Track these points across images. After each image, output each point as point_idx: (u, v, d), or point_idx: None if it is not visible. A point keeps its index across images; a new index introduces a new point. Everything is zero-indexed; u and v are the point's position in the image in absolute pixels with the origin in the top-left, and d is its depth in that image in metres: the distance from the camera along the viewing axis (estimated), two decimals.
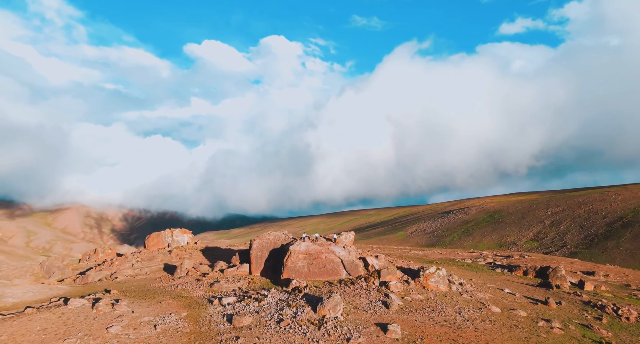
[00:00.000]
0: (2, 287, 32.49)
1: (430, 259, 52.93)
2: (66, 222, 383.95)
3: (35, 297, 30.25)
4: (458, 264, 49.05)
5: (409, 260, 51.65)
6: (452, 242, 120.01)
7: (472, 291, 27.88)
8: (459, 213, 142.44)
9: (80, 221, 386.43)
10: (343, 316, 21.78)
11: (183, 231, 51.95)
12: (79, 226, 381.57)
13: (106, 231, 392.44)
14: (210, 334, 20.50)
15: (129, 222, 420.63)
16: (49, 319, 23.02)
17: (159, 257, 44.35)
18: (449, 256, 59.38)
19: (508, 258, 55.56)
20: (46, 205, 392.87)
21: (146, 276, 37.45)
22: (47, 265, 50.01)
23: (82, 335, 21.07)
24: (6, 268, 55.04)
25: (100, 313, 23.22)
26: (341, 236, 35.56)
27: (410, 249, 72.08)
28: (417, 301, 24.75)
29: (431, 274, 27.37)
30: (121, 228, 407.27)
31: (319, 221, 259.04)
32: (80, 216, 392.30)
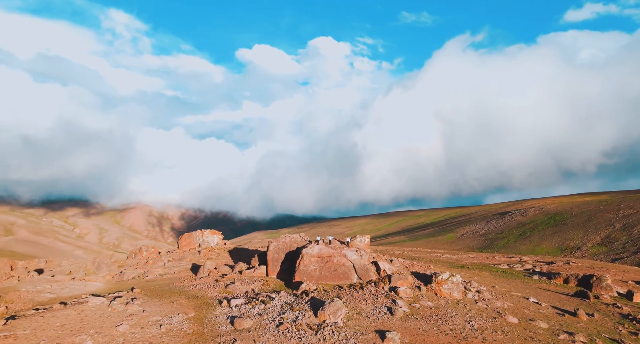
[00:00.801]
0: (44, 282, 35.11)
1: (461, 264, 50.36)
2: (132, 221, 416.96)
3: (70, 293, 32.13)
4: (492, 269, 46.30)
5: (435, 265, 48.38)
6: (507, 245, 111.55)
7: (490, 299, 26.29)
8: (515, 215, 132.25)
9: (144, 219, 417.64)
10: (343, 321, 21.35)
11: (213, 232, 53.01)
12: (143, 224, 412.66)
13: (166, 229, 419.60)
14: (211, 336, 20.67)
15: (187, 221, 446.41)
16: (69, 315, 23.96)
17: (188, 257, 45.49)
18: (484, 261, 56.00)
19: (550, 265, 51.46)
20: (115, 205, 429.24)
21: (173, 275, 38.47)
22: (97, 262, 53.55)
23: (93, 332, 21.64)
24: (66, 264, 59.92)
25: (114, 311, 23.75)
26: (355, 239, 34.74)
27: (443, 253, 68.86)
28: (426, 308, 23.77)
29: (444, 280, 26.10)
30: (180, 227, 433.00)
31: (367, 222, 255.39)
32: (144, 215, 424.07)
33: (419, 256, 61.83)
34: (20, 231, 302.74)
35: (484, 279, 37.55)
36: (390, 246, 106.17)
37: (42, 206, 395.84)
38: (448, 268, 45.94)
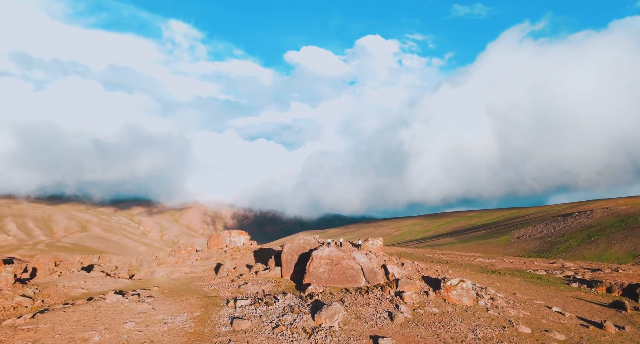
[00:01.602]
0: (80, 278, 37.60)
1: (493, 269, 47.80)
2: (189, 220, 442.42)
3: (100, 289, 33.94)
4: (526, 275, 43.44)
5: (463, 269, 46.12)
6: (569, 249, 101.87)
7: (504, 306, 24.91)
8: (580, 217, 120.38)
9: (200, 218, 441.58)
10: (340, 326, 21.07)
11: (240, 232, 53.73)
12: (198, 223, 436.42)
13: (220, 228, 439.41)
14: (209, 336, 21.00)
15: (238, 221, 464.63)
16: (86, 311, 25.05)
17: (214, 257, 46.40)
18: (520, 266, 52.55)
19: (595, 272, 47.33)
20: (174, 204, 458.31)
21: (196, 274, 39.38)
22: (140, 259, 56.65)
23: (102, 328, 22.38)
24: (115, 260, 64.29)
25: (125, 309, 24.42)
26: (367, 242, 34.11)
27: (476, 257, 65.30)
28: (430, 314, 22.97)
29: (453, 285, 24.96)
30: (232, 226, 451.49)
31: (415, 223, 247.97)
32: (199, 214, 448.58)
33: (450, 259, 58.91)
34: (93, 228, 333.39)
35: (511, 285, 35.47)
36: (421, 249, 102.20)
37: (112, 205, 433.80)
38: (477, 273, 43.57)
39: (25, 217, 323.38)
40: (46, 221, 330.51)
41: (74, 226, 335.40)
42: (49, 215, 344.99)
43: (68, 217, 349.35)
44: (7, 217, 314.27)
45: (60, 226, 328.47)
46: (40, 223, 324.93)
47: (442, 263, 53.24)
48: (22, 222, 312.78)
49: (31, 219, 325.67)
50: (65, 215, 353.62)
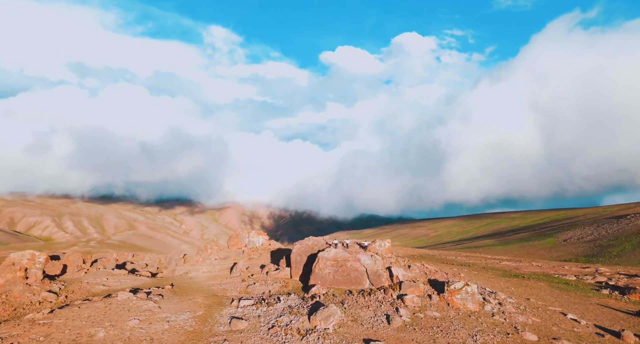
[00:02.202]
0: (104, 275, 39.27)
1: (517, 273, 45.63)
2: (228, 219, 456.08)
3: (120, 286, 35.23)
4: (552, 280, 41.41)
5: (484, 272, 44.19)
6: (622, 253, 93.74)
7: (512, 312, 23.95)
8: (636, 218, 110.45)
9: (238, 218, 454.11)
10: (334, 328, 20.90)
11: (259, 232, 53.97)
12: (237, 222, 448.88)
13: (257, 228, 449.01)
14: (207, 335, 21.31)
15: (275, 220, 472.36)
16: (98, 308, 25.91)
17: (232, 256, 46.85)
18: (548, 271, 49.95)
19: (633, 278, 43.51)
20: (213, 204, 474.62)
21: (212, 273, 39.96)
22: (169, 258, 58.67)
23: (109, 325, 23.02)
24: (148, 258, 67.21)
25: (133, 306, 24.99)
26: (375, 243, 33.81)
27: (502, 260, 62.57)
28: (430, 318, 22.42)
29: (457, 289, 24.28)
30: (269, 225, 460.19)
31: (453, 224, 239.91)
32: (237, 214, 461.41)
33: (473, 262, 56.69)
34: (140, 227, 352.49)
35: (529, 290, 33.90)
36: (446, 251, 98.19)
37: (157, 204, 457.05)
38: (497, 276, 41.66)
39: (81, 216, 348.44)
40: (98, 219, 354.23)
41: (123, 224, 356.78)
42: (101, 214, 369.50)
43: (118, 216, 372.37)
44: (65, 216, 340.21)
45: (111, 224, 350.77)
46: (93, 221, 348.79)
47: (464, 265, 51.27)
48: (78, 221, 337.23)
49: (85, 217, 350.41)
50: (115, 214, 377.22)
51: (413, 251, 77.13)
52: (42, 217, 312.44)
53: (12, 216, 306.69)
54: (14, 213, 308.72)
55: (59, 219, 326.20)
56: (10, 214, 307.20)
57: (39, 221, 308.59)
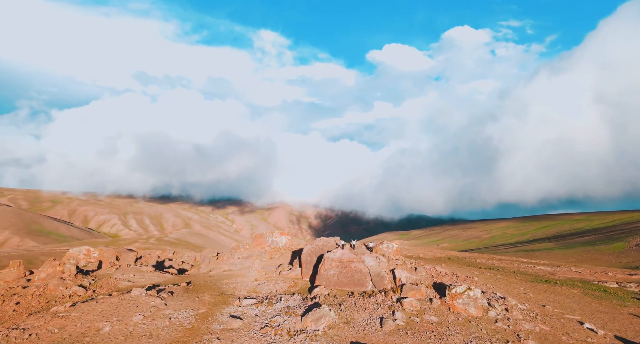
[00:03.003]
0: (131, 272, 41.37)
1: (550, 279, 42.55)
2: (276, 219, 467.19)
3: (144, 282, 36.86)
4: (590, 287, 38.58)
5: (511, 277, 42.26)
6: None
7: (518, 319, 22.64)
8: None
9: (286, 218, 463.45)
10: (324, 330, 20.75)
11: (282, 232, 53.92)
12: (285, 222, 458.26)
13: (304, 227, 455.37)
14: (203, 332, 21.77)
15: (322, 220, 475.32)
16: (112, 303, 27.16)
17: (254, 256, 47.17)
18: (587, 277, 46.10)
19: None
20: (262, 204, 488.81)
21: (231, 272, 40.58)
22: (202, 256, 60.86)
23: (115, 320, 24.05)
24: (187, 256, 70.43)
25: (142, 303, 25.90)
26: (382, 245, 33.23)
27: (538, 264, 58.38)
28: (426, 323, 21.79)
29: (459, 293, 23.39)
30: (316, 225, 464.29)
31: (508, 225, 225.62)
32: (285, 214, 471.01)
33: (505, 266, 53.60)
34: (195, 225, 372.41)
35: (552, 296, 32.20)
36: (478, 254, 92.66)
37: (210, 204, 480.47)
38: (525, 282, 39.25)
39: (143, 215, 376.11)
40: (158, 218, 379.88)
41: (179, 223, 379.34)
42: (160, 213, 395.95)
43: (175, 215, 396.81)
44: (129, 214, 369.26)
45: (169, 222, 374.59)
46: (154, 220, 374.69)
47: (491, 269, 48.49)
48: (140, 219, 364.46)
49: (147, 216, 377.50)
50: (172, 213, 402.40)
51: (442, 253, 73.50)
52: (110, 216, 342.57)
53: (85, 214, 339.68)
54: (87, 212, 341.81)
55: (125, 217, 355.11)
56: (84, 212, 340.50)
57: (108, 219, 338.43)
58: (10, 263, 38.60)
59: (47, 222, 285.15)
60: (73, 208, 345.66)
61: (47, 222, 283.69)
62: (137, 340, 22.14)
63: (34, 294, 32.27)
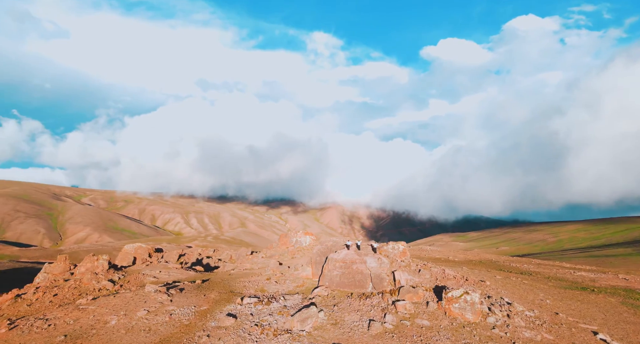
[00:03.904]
0: (159, 268, 43.21)
1: (589, 286, 39.30)
2: (328, 219, 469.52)
3: (168, 278, 38.43)
4: (632, 296, 35.10)
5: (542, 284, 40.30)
6: None
7: (519, 326, 21.38)
8: None
9: (338, 218, 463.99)
10: (310, 330, 20.73)
11: (306, 233, 53.24)
12: (337, 222, 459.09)
13: (357, 228, 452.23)
14: (197, 329, 22.28)
15: (375, 221, 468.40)
16: (126, 298, 28.51)
17: (276, 255, 47.02)
18: (635, 285, 41.06)
19: None
20: (315, 204, 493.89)
21: (252, 270, 41.08)
22: (237, 254, 62.45)
23: (122, 314, 25.26)
24: (225, 254, 72.80)
25: (150, 298, 26.92)
26: (387, 245, 32.29)
27: (579, 270, 54.37)
28: (416, 327, 21.14)
29: (455, 297, 22.52)
30: (368, 226, 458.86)
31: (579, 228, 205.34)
32: (337, 214, 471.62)
33: (540, 271, 50.20)
34: (250, 224, 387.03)
35: (580, 304, 30.03)
36: (520, 258, 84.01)
37: (264, 204, 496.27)
38: (553, 288, 36.59)
39: (203, 214, 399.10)
40: (216, 217, 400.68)
41: (235, 222, 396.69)
42: (218, 212, 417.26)
43: (232, 214, 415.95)
44: (190, 213, 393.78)
45: (226, 221, 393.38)
46: (212, 219, 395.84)
47: (524, 274, 45.68)
48: (200, 218, 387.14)
49: (206, 215, 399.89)
50: (229, 213, 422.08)
51: (475, 256, 68.88)
52: (174, 215, 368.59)
53: (153, 213, 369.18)
54: (154, 211, 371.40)
55: (187, 216, 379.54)
56: (152, 211, 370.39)
57: (172, 218, 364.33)
58: (58, 257, 42.55)
59: (121, 220, 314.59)
60: (142, 207, 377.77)
61: (121, 220, 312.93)
62: (135, 334, 22.95)
63: (70, 287, 35.03)
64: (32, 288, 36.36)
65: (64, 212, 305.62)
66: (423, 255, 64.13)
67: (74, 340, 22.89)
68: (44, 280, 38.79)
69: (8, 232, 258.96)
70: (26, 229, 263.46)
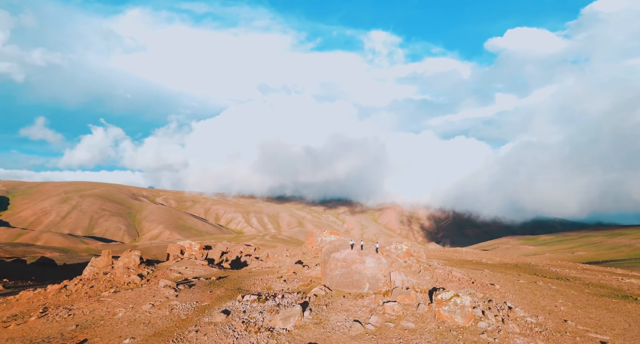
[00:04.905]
0: (185, 265, 44.61)
1: (635, 295, 35.35)
2: (387, 220, 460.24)
3: (192, 274, 39.76)
4: None
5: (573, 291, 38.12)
6: None
7: (512, 333, 20.05)
8: None
9: (396, 219, 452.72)
10: (291, 328, 20.71)
11: (332, 232, 51.71)
12: (395, 223, 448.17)
13: (416, 229, 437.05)
14: (191, 324, 22.94)
15: (435, 222, 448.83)
16: (139, 291, 29.92)
17: (299, 254, 46.09)
18: None
19: None
20: (372, 205, 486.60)
21: (270, 269, 41.59)
22: (273, 252, 62.88)
23: (130, 307, 26.58)
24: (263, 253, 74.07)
25: (159, 293, 27.94)
26: (390, 246, 31.86)
27: (625, 277, 48.72)
28: (399, 329, 20.52)
29: (444, 300, 21.77)
30: (429, 227, 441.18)
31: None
32: (396, 215, 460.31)
33: (582, 276, 46.13)
34: (307, 224, 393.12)
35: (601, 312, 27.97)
36: (604, 267, 73.53)
37: (321, 204, 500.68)
38: (590, 296, 33.91)
39: (262, 214, 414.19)
40: (275, 217, 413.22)
41: (293, 222, 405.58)
42: (277, 212, 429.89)
43: (290, 214, 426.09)
44: (251, 213, 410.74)
45: (284, 221, 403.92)
46: (271, 218, 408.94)
47: (559, 279, 42.69)
48: (260, 218, 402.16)
49: (266, 215, 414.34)
50: (288, 212, 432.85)
51: (513, 259, 63.39)
52: (236, 214, 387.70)
53: (217, 212, 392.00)
54: (218, 210, 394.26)
55: (247, 215, 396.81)
56: (216, 210, 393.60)
57: (234, 217, 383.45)
58: (102, 252, 46.28)
59: (188, 219, 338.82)
60: (208, 207, 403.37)
61: (188, 219, 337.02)
62: (135, 326, 23.87)
63: (105, 280, 37.75)
64: (77, 280, 39.76)
65: (141, 211, 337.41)
66: (454, 257, 60.37)
67: (82, 330, 24.27)
68: (89, 273, 42.33)
69: (96, 228, 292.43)
70: (110, 226, 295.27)
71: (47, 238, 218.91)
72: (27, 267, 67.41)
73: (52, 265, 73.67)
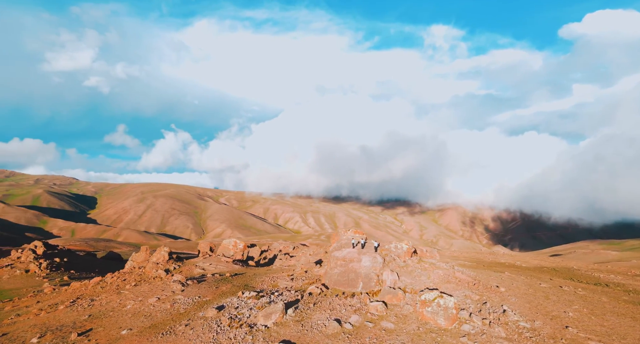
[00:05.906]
0: (209, 261, 45.56)
1: None
2: (448, 221, 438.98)
3: (214, 270, 40.87)
4: None
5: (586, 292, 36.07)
6: None
7: (496, 337, 18.76)
8: None
9: (459, 220, 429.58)
10: (271, 325, 20.81)
11: (356, 231, 48.49)
12: (457, 224, 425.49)
13: (480, 230, 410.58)
14: (187, 318, 23.52)
15: (502, 223, 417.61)
16: (152, 285, 31.24)
17: (321, 254, 44.51)
18: None
19: None
20: (432, 205, 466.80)
21: (288, 267, 41.92)
22: (304, 252, 62.41)
23: (139, 300, 27.99)
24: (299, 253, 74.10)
25: (168, 287, 28.87)
26: (390, 245, 32.02)
27: None
28: (377, 329, 20.16)
29: (428, 301, 21.22)
30: (494, 228, 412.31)
31: None
32: (458, 216, 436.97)
33: (623, 282, 42.68)
34: (364, 224, 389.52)
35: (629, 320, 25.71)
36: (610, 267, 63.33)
37: (379, 204, 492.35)
38: (624, 303, 32.17)
39: (319, 214, 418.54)
40: (332, 217, 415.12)
41: (350, 222, 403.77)
42: (334, 212, 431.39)
43: (346, 214, 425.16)
44: (308, 213, 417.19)
45: (341, 221, 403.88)
46: (328, 218, 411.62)
47: (598, 285, 39.88)
48: (317, 217, 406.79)
49: (322, 215, 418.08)
50: (344, 212, 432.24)
51: (553, 263, 57.15)
52: (293, 214, 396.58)
53: (275, 212, 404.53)
54: (276, 210, 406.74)
55: (304, 215, 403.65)
56: (274, 210, 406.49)
57: (292, 217, 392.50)
58: (141, 248, 49.48)
59: (249, 218, 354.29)
60: (267, 207, 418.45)
61: (249, 219, 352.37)
62: (136, 318, 24.98)
63: (136, 274, 40.14)
64: (116, 274, 42.90)
65: (206, 210, 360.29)
66: (486, 259, 56.52)
67: (92, 320, 25.81)
68: (128, 267, 45.55)
69: (167, 226, 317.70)
70: (179, 225, 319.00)
71: (126, 235, 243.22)
72: (96, 260, 74.32)
73: (118, 259, 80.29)
